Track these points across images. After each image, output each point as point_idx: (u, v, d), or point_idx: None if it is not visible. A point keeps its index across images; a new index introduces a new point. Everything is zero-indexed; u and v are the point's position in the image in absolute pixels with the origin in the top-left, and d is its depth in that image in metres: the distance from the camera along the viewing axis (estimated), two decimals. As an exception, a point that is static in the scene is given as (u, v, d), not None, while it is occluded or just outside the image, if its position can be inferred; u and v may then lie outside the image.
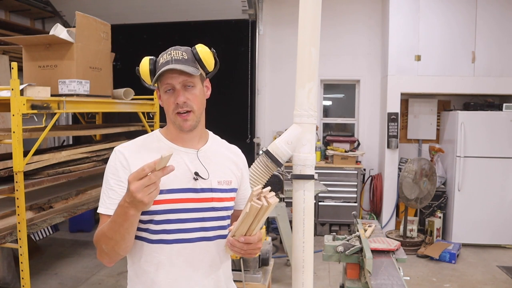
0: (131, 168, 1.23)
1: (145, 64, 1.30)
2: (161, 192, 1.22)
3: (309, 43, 1.96)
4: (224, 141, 1.45)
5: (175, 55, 1.25)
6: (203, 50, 1.30)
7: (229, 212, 1.35)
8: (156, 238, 1.24)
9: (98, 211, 1.25)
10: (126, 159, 1.25)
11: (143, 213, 1.21)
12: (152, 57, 1.32)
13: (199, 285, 1.28)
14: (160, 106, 4.57)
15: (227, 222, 1.34)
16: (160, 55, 1.30)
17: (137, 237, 1.26)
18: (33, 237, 4.73)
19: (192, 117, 1.27)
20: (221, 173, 1.33)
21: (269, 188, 1.14)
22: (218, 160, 1.35)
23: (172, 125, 1.31)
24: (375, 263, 2.08)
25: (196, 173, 1.27)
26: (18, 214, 2.53)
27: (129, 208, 1.04)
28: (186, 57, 1.26)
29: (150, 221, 1.24)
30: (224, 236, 1.33)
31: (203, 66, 1.30)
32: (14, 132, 2.48)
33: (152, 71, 1.29)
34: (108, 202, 1.23)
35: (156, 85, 1.30)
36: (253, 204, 1.07)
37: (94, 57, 3.27)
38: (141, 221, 1.23)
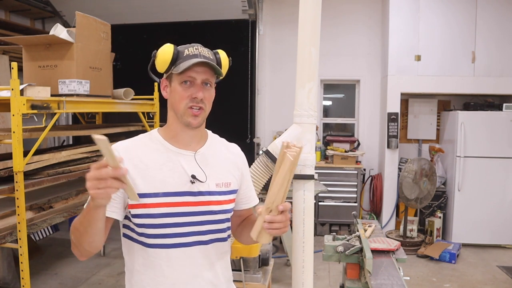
0: (126, 167, 1.22)
1: (168, 51, 1.24)
2: (157, 195, 1.21)
3: (309, 43, 1.96)
4: (223, 139, 1.43)
5: (202, 51, 1.26)
6: (223, 57, 1.32)
7: (227, 215, 1.32)
8: (153, 242, 1.22)
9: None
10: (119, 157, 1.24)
11: (138, 216, 1.21)
12: (175, 45, 1.28)
13: (197, 287, 1.26)
14: (159, 106, 4.55)
15: (226, 225, 1.32)
16: (181, 47, 1.27)
17: (135, 241, 1.25)
18: (33, 237, 4.73)
19: (202, 115, 1.26)
20: (220, 175, 1.31)
21: (289, 141, 1.12)
22: (216, 162, 1.32)
23: (176, 121, 1.27)
24: (375, 263, 2.08)
25: (193, 176, 1.25)
26: (18, 214, 2.53)
27: (91, 201, 1.01)
28: (211, 57, 1.28)
29: (146, 225, 1.21)
30: (220, 240, 1.31)
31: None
32: (14, 132, 2.48)
33: (174, 60, 1.24)
34: None
35: (166, 74, 1.28)
36: (288, 156, 1.03)
37: (94, 57, 3.27)
38: (136, 225, 1.22)
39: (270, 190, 1.13)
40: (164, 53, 1.24)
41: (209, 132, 1.40)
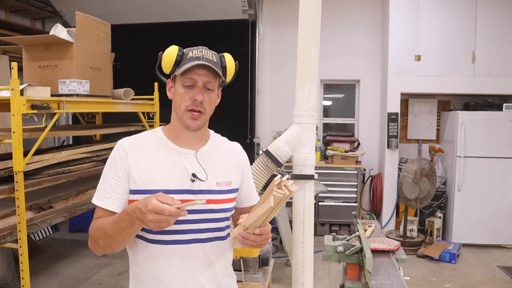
0: (130, 162, 1.25)
1: (172, 52, 1.26)
2: (158, 192, 1.22)
3: (309, 43, 1.97)
4: (224, 138, 1.44)
5: (206, 54, 1.26)
6: (229, 60, 1.33)
7: (227, 214, 1.34)
8: (153, 238, 1.25)
9: (92, 201, 1.28)
10: (126, 154, 1.26)
11: None
12: (180, 47, 1.29)
13: (196, 285, 1.27)
14: (160, 105, 4.54)
15: (225, 223, 1.33)
16: (187, 49, 1.29)
17: (136, 235, 1.26)
18: (33, 237, 4.73)
19: (202, 119, 1.27)
20: (220, 174, 1.32)
21: (287, 176, 1.11)
22: (217, 161, 1.34)
23: (177, 122, 1.29)
24: (375, 263, 2.08)
25: (194, 175, 1.26)
26: (18, 214, 2.54)
27: (138, 221, 1.07)
28: (215, 60, 1.27)
29: None
30: (219, 238, 1.32)
31: (224, 75, 1.31)
32: (14, 132, 2.48)
33: (178, 62, 1.26)
34: (102, 194, 1.26)
35: (171, 75, 1.29)
36: (275, 195, 1.04)
37: (94, 57, 3.27)
38: None
39: (251, 213, 1.15)
40: (169, 54, 1.27)
41: (211, 131, 1.41)
